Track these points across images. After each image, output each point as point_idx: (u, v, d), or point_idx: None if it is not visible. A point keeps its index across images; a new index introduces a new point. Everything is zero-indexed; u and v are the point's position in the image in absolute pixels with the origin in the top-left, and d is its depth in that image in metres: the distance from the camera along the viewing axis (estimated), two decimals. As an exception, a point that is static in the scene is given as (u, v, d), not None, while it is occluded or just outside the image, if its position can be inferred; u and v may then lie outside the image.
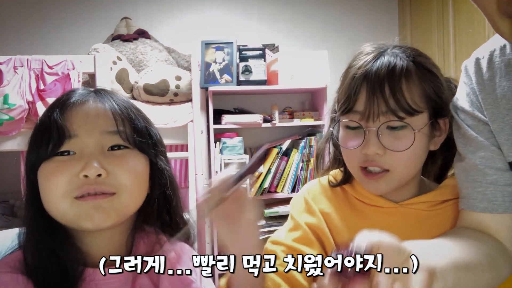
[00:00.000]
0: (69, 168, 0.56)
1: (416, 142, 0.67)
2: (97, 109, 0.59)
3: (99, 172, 0.56)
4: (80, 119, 0.58)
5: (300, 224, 0.76)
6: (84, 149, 0.58)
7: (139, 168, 0.61)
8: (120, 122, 0.60)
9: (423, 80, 0.68)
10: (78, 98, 0.60)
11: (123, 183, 0.58)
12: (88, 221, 0.56)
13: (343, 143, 0.72)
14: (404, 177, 0.70)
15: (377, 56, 0.69)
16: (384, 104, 0.66)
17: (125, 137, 0.60)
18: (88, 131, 0.58)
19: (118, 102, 0.62)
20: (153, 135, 0.65)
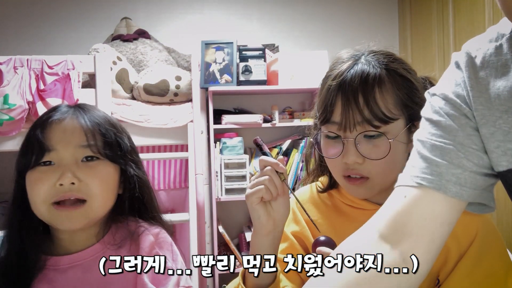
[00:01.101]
0: (48, 178, 0.67)
1: (393, 150, 0.68)
2: (72, 126, 0.70)
3: (72, 181, 0.67)
4: (57, 135, 0.69)
5: (287, 235, 0.80)
6: (61, 160, 0.69)
7: (108, 176, 0.72)
8: (91, 137, 0.71)
9: (396, 87, 0.69)
10: (58, 116, 0.71)
11: (93, 191, 0.69)
12: (60, 225, 0.69)
13: (324, 152, 0.74)
14: (384, 183, 0.72)
15: (351, 65, 0.70)
16: (359, 114, 0.67)
17: (96, 150, 0.71)
18: (64, 145, 0.69)
19: (91, 119, 0.73)
20: (124, 146, 0.75)
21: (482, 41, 0.59)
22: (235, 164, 2.35)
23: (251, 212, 0.69)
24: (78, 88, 1.99)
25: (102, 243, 0.73)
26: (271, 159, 0.67)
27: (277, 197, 0.67)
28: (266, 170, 0.66)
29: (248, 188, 0.68)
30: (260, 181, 0.66)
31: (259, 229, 0.69)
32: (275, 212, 0.68)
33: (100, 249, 0.72)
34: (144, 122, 2.14)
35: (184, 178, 2.44)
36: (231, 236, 2.53)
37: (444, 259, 0.70)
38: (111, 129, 0.74)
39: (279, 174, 0.67)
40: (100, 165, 0.71)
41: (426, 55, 2.61)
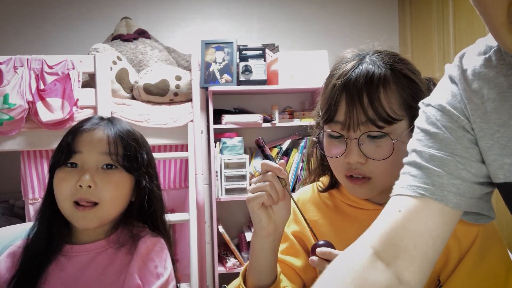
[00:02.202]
0: (71, 179, 0.78)
1: (396, 150, 0.68)
2: (99, 135, 0.81)
3: (89, 184, 0.77)
4: (85, 141, 0.80)
5: (288, 235, 0.82)
6: (84, 163, 0.79)
7: (122, 184, 0.82)
8: (113, 147, 0.80)
9: (401, 88, 0.69)
10: (89, 126, 0.82)
11: (104, 195, 0.78)
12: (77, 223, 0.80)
13: (327, 151, 0.74)
14: (386, 183, 0.72)
15: (355, 65, 0.69)
16: (363, 114, 0.67)
17: (115, 159, 0.80)
18: (89, 150, 0.79)
19: (117, 132, 0.83)
20: (140, 160, 0.84)
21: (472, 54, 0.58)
22: (235, 164, 2.35)
23: (252, 215, 0.69)
24: (78, 88, 1.99)
25: (107, 241, 0.82)
26: (273, 164, 0.67)
27: (278, 201, 0.68)
28: (268, 176, 0.67)
29: (249, 192, 0.68)
30: (261, 186, 0.66)
31: (260, 232, 0.70)
32: (276, 215, 0.69)
33: (104, 245, 0.82)
34: (144, 122, 2.14)
35: (184, 178, 2.44)
36: (231, 236, 2.53)
37: (445, 260, 0.70)
38: (132, 143, 0.84)
39: (280, 179, 0.67)
40: (116, 174, 0.81)
41: (426, 55, 2.61)
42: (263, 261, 0.72)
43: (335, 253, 0.60)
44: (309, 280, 0.82)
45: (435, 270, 0.71)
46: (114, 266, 0.80)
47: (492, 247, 0.69)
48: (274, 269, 0.74)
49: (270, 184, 0.66)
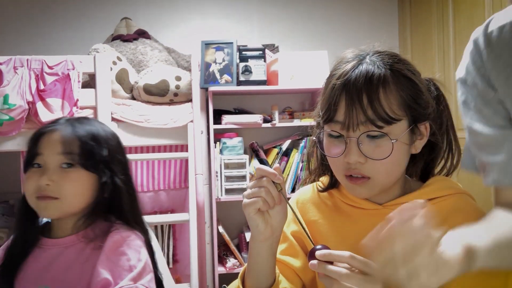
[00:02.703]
0: (35, 177, 0.84)
1: (395, 150, 0.68)
2: (56, 137, 0.86)
3: (46, 182, 0.83)
4: (45, 143, 0.86)
5: (287, 235, 0.82)
6: (46, 163, 0.85)
7: (80, 181, 0.86)
8: (69, 147, 0.85)
9: (400, 88, 0.69)
10: (51, 127, 0.87)
11: (64, 192, 0.84)
12: (40, 213, 0.86)
13: (327, 151, 0.74)
14: (386, 183, 0.72)
15: (355, 65, 0.70)
16: (363, 114, 0.67)
17: (71, 158, 0.85)
18: (49, 152, 0.85)
19: (74, 131, 0.87)
20: (99, 157, 0.88)
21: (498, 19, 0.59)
22: (235, 164, 2.35)
23: (248, 220, 0.69)
24: (78, 88, 1.99)
25: (77, 236, 0.87)
26: (269, 169, 0.67)
27: (274, 206, 0.68)
28: (263, 181, 0.67)
29: (245, 197, 0.68)
30: (257, 192, 0.67)
31: (257, 236, 0.70)
32: (272, 220, 0.69)
33: (73, 240, 0.87)
34: (144, 122, 2.14)
35: (184, 178, 2.44)
36: (231, 236, 2.53)
37: None
38: (90, 142, 0.88)
39: (276, 184, 0.67)
40: (74, 172, 0.85)
41: (426, 56, 2.61)
42: (261, 264, 0.72)
43: (334, 253, 0.60)
44: (308, 281, 0.82)
45: None
46: (80, 261, 0.84)
47: None
48: (273, 272, 0.74)
49: (265, 190, 0.66)
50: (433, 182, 0.76)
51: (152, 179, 2.40)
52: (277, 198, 0.68)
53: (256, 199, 0.66)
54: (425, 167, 0.81)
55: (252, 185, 0.68)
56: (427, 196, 0.74)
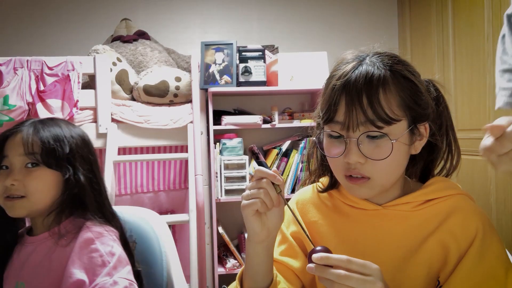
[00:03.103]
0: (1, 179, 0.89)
1: (395, 151, 0.68)
2: (18, 139, 0.90)
3: (11, 183, 0.87)
4: (9, 145, 0.90)
5: (287, 236, 0.83)
6: (11, 165, 0.89)
7: (43, 179, 0.90)
8: (30, 147, 0.89)
9: (400, 89, 0.69)
10: (14, 130, 0.91)
11: (29, 190, 0.88)
12: (9, 213, 0.89)
13: (327, 151, 0.74)
14: (385, 184, 0.72)
15: (355, 66, 0.70)
16: (363, 114, 0.67)
17: (33, 158, 0.89)
18: (13, 153, 0.89)
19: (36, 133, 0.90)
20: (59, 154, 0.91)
21: None
22: (234, 165, 2.35)
23: (245, 221, 0.70)
24: (78, 89, 1.99)
25: (50, 233, 0.90)
26: (268, 171, 0.67)
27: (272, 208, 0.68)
28: (262, 182, 0.67)
29: (243, 199, 0.68)
30: (256, 194, 0.67)
31: (253, 238, 0.71)
32: (269, 221, 0.69)
33: (47, 236, 0.90)
34: (144, 123, 2.14)
35: (184, 179, 2.44)
36: (231, 237, 2.53)
37: (443, 260, 0.71)
38: (52, 142, 0.91)
39: (275, 185, 0.67)
40: (38, 170, 0.90)
41: (425, 56, 2.61)
42: (258, 266, 0.73)
43: (331, 257, 0.60)
44: (308, 282, 0.82)
45: (434, 270, 0.71)
46: (49, 258, 0.87)
47: (491, 247, 0.69)
48: (270, 273, 0.75)
49: (264, 191, 0.66)
50: (433, 183, 0.76)
51: (152, 180, 2.40)
52: (276, 200, 0.68)
53: (255, 200, 0.67)
54: (424, 168, 0.81)
55: (251, 187, 0.68)
56: (426, 196, 0.74)
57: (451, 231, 0.71)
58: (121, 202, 2.28)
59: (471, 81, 2.20)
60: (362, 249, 0.75)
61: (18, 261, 0.91)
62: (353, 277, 0.58)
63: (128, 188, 2.34)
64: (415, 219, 0.74)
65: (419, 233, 0.73)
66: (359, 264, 0.59)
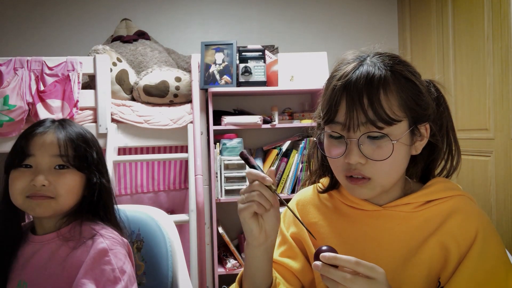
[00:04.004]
0: (25, 177, 0.86)
1: (396, 151, 0.68)
2: (50, 139, 0.88)
3: (43, 183, 0.84)
4: (37, 145, 0.87)
5: (287, 237, 0.83)
6: (38, 165, 0.86)
7: (73, 182, 0.89)
8: (64, 149, 0.87)
9: (401, 89, 0.69)
10: (41, 130, 0.89)
11: (59, 191, 0.86)
12: (32, 212, 0.87)
13: (327, 151, 0.74)
14: (386, 184, 0.72)
15: (356, 66, 0.70)
16: (363, 115, 0.67)
17: (66, 160, 0.88)
18: (42, 153, 0.86)
19: (67, 135, 0.89)
20: (90, 159, 0.91)
21: None
22: (234, 165, 2.35)
23: (243, 225, 0.70)
24: (78, 89, 1.99)
25: (58, 233, 0.89)
26: (258, 173, 0.68)
27: (269, 209, 0.69)
28: (255, 185, 0.68)
29: (240, 203, 0.69)
30: (250, 196, 0.67)
31: (252, 241, 0.71)
32: (266, 224, 0.70)
33: (54, 237, 0.88)
34: (144, 123, 2.14)
35: (184, 179, 2.44)
36: (231, 237, 2.53)
37: (444, 261, 0.70)
38: (82, 144, 0.91)
39: (269, 186, 0.68)
40: (68, 173, 0.88)
41: (425, 56, 2.61)
42: (257, 269, 0.73)
43: (340, 258, 0.60)
44: (307, 283, 0.82)
45: (435, 271, 0.71)
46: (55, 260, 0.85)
47: (491, 248, 0.69)
48: (269, 275, 0.75)
49: (258, 193, 0.67)
50: (433, 184, 0.76)
51: (152, 180, 2.40)
52: (272, 201, 0.68)
53: (251, 203, 0.67)
54: (425, 169, 0.81)
55: (245, 190, 0.69)
56: (426, 197, 0.74)
57: (451, 232, 0.71)
58: (121, 202, 2.28)
59: (471, 81, 2.20)
60: (362, 249, 0.75)
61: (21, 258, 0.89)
62: (358, 280, 0.58)
63: (128, 188, 2.34)
64: (416, 220, 0.74)
65: (419, 234, 0.73)
66: (367, 266, 0.59)
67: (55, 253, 0.86)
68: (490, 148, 2.07)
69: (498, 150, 2.02)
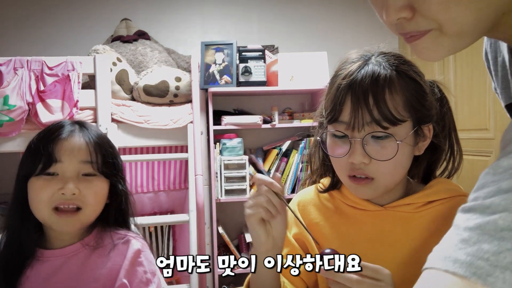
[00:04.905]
0: (52, 186, 0.77)
1: (400, 152, 0.68)
2: (79, 143, 0.81)
3: (73, 192, 0.77)
4: (65, 150, 0.79)
5: (289, 239, 0.82)
6: (65, 172, 0.79)
7: (101, 189, 0.83)
8: (94, 155, 0.81)
9: (406, 89, 0.69)
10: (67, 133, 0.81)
11: (88, 201, 0.80)
12: (58, 228, 0.80)
13: (331, 151, 0.74)
14: (389, 184, 0.72)
15: (361, 66, 0.70)
16: (368, 114, 0.67)
17: (96, 167, 0.81)
18: (70, 160, 0.79)
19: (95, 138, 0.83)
20: (116, 165, 0.86)
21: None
22: (234, 165, 2.35)
23: (250, 231, 0.70)
24: (78, 89, 1.99)
25: (82, 243, 0.83)
26: (267, 179, 0.68)
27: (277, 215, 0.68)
28: (263, 191, 0.67)
29: (247, 208, 0.69)
30: (259, 202, 0.67)
31: (259, 248, 0.71)
32: (274, 230, 0.69)
33: (76, 249, 0.82)
34: (144, 123, 2.14)
35: (184, 179, 2.44)
36: (231, 237, 2.53)
37: None
38: (110, 150, 0.85)
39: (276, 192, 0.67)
40: (96, 180, 0.82)
41: (425, 56, 2.61)
42: (265, 276, 0.73)
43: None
44: (311, 283, 0.82)
45: None
46: (88, 269, 0.80)
47: None
48: (277, 281, 0.75)
49: (267, 200, 0.67)
50: (435, 184, 0.76)
51: (152, 180, 2.40)
52: (279, 207, 0.68)
53: (258, 209, 0.67)
54: (427, 169, 0.81)
55: (253, 195, 0.68)
56: (428, 198, 0.74)
57: None
58: (121, 202, 2.28)
59: (471, 81, 2.20)
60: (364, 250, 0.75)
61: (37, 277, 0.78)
62: (365, 282, 0.58)
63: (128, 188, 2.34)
64: (417, 221, 0.74)
65: (420, 234, 0.72)
66: (372, 269, 0.59)
67: (85, 264, 0.80)
68: (490, 148, 2.07)
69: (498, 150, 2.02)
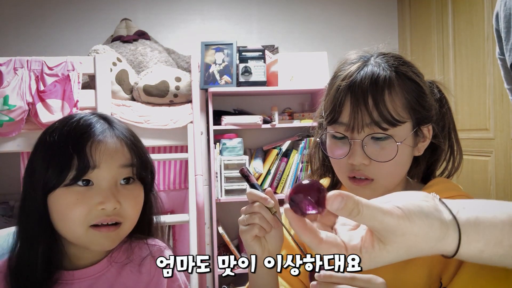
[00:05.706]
0: (88, 200, 0.63)
1: (400, 153, 0.68)
2: (115, 144, 0.66)
3: (115, 206, 0.65)
4: (103, 153, 0.64)
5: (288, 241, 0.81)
6: (101, 180, 0.65)
7: (140, 198, 0.71)
8: (134, 157, 0.68)
9: (405, 90, 0.69)
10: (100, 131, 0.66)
11: (129, 214, 0.68)
12: (97, 246, 0.67)
13: (330, 152, 0.73)
14: (389, 185, 0.72)
15: (361, 67, 0.69)
16: (368, 116, 0.67)
17: (136, 171, 0.68)
18: (108, 164, 0.65)
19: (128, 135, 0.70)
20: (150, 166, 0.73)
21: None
22: (234, 165, 2.35)
23: (245, 247, 0.70)
24: (78, 89, 1.99)
25: (109, 259, 0.72)
26: (260, 194, 0.67)
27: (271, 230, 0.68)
28: (255, 207, 0.66)
29: (240, 224, 0.68)
30: (251, 219, 0.67)
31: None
32: (269, 244, 0.69)
33: (106, 266, 0.71)
34: (144, 123, 2.14)
35: (184, 179, 2.44)
36: (231, 237, 2.53)
37: (444, 261, 0.70)
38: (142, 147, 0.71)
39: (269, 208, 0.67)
40: (135, 188, 0.69)
41: (425, 56, 2.61)
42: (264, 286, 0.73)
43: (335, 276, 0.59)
44: None
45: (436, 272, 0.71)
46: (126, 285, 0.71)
47: None
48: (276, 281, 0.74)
49: (259, 216, 0.66)
50: (434, 184, 0.76)
51: (152, 180, 2.40)
52: (273, 223, 0.67)
53: (252, 226, 0.66)
54: (426, 169, 0.81)
55: (246, 211, 0.68)
56: None
57: None
58: (121, 202, 2.28)
59: (471, 81, 2.20)
60: None
61: None
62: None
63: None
64: None
65: None
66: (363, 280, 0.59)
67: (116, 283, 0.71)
68: (490, 148, 2.07)
69: (498, 150, 2.02)
